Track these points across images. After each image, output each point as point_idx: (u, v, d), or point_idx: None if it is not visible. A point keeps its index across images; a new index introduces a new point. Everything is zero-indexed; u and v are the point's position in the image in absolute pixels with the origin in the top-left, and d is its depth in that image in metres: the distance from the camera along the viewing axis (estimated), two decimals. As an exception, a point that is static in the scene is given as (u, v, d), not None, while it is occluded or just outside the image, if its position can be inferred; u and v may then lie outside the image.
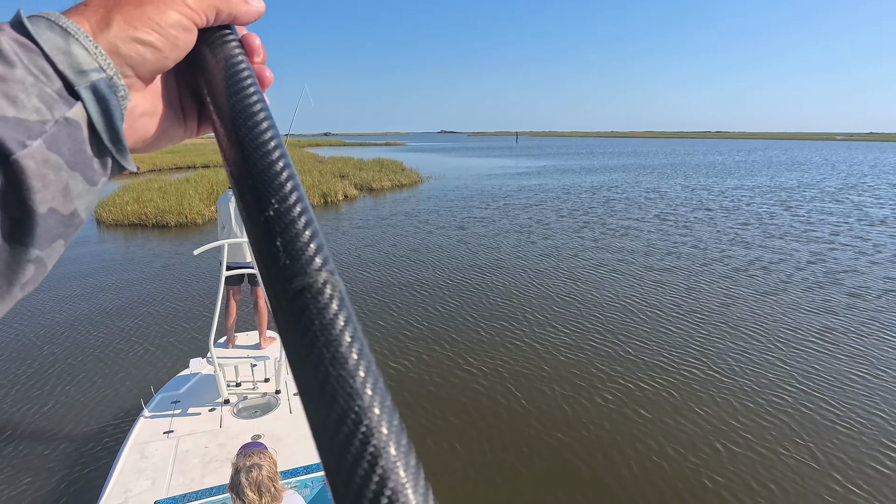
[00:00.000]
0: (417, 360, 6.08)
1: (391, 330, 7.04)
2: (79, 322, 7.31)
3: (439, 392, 5.37)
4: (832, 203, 18.90)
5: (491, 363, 6.01)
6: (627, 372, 5.82)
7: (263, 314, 4.41)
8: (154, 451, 3.32)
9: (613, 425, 4.80)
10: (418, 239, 12.81)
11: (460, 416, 4.93)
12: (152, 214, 15.08)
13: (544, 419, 4.90)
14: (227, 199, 4.45)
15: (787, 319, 7.25)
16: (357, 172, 26.11)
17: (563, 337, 6.78)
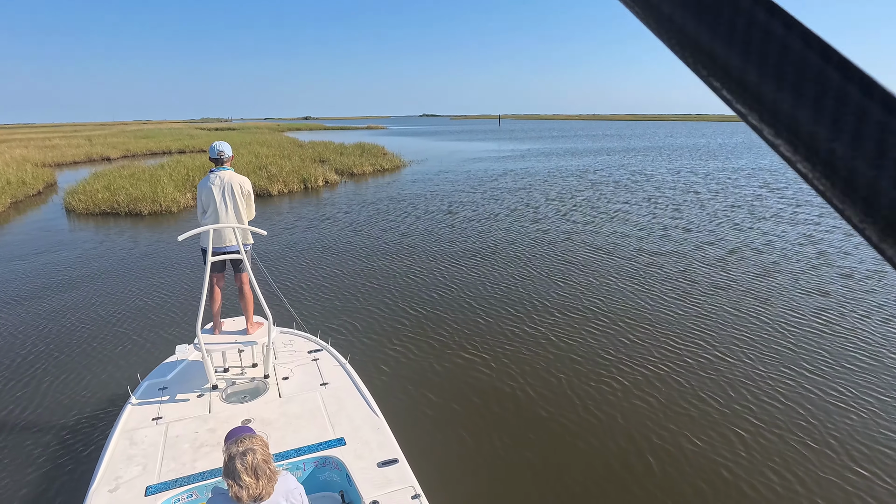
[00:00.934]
0: (418, 348, 5.95)
1: (389, 316, 6.90)
2: (59, 312, 7.17)
3: (442, 381, 5.24)
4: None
5: (492, 349, 5.90)
6: (630, 357, 5.68)
7: (249, 299, 4.28)
8: (143, 438, 3.29)
9: (620, 411, 4.65)
10: (407, 224, 12.53)
11: (465, 403, 4.84)
12: (124, 202, 14.42)
13: (550, 405, 4.80)
14: (208, 182, 4.21)
15: (783, 301, 7.12)
16: (338, 157, 25.49)
17: (562, 322, 6.65)
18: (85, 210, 14.48)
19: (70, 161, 30.64)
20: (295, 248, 10.48)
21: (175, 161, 22.85)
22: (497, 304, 7.28)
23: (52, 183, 20.87)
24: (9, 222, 13.90)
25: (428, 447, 4.13)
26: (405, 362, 5.65)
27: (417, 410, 4.74)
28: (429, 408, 4.78)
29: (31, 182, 18.99)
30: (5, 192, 16.50)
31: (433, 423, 4.54)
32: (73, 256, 10.11)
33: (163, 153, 35.23)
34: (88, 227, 13.01)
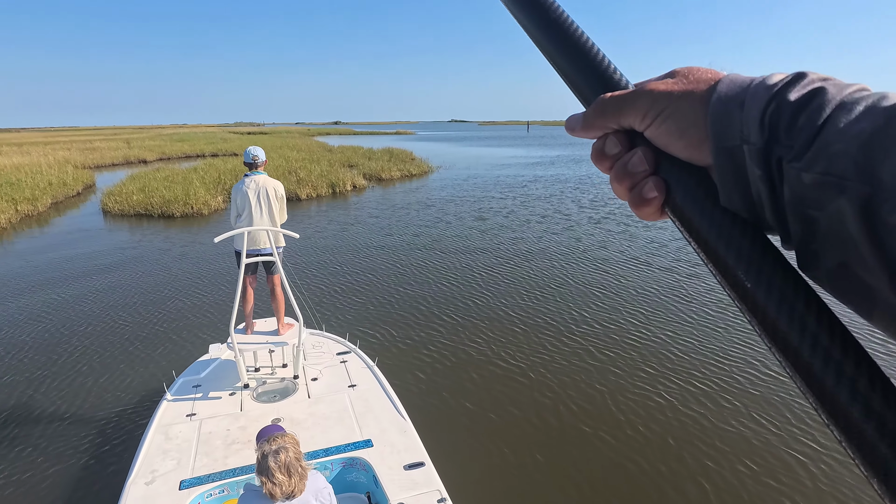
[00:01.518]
0: (454, 356, 5.82)
1: (425, 322, 6.79)
2: (101, 311, 7.35)
3: (479, 391, 5.07)
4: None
5: (529, 359, 5.70)
6: (675, 371, 5.38)
7: (280, 301, 4.40)
8: (178, 433, 3.39)
9: (668, 430, 4.37)
10: (438, 230, 12.40)
11: (501, 413, 4.68)
12: (158, 204, 14.66)
13: (593, 420, 4.57)
14: (243, 186, 4.34)
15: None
16: (366, 162, 25.57)
17: (601, 333, 6.40)
18: (120, 211, 14.79)
19: (109, 163, 31.59)
20: (325, 250, 10.44)
21: (207, 164, 23.31)
22: (533, 312, 7.06)
23: (91, 184, 21.49)
24: (48, 222, 14.30)
25: (455, 452, 4.06)
26: (440, 368, 5.52)
27: (448, 416, 4.63)
28: (463, 415, 4.64)
29: (71, 183, 19.58)
30: (46, 192, 17.01)
31: (465, 430, 4.42)
32: (111, 257, 10.27)
33: (196, 156, 36.06)
34: (123, 227, 13.26)
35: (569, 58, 0.40)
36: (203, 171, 20.05)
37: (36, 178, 18.81)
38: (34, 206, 15.34)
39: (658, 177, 0.35)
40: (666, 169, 0.35)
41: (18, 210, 14.56)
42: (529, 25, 0.41)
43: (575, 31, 0.40)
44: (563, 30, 0.40)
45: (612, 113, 0.36)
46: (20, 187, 16.74)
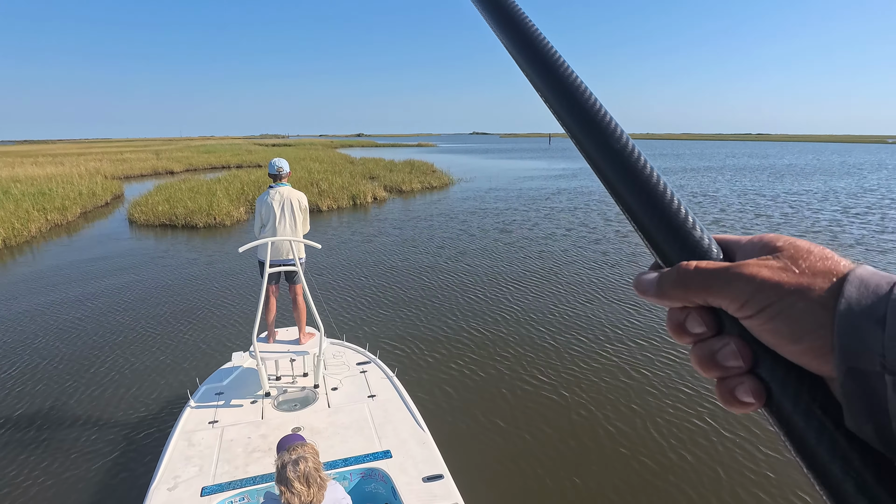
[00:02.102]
0: (482, 371, 5.69)
1: (450, 334, 6.71)
2: (131, 320, 7.42)
3: (510, 408, 4.92)
4: (903, 209, 17.32)
5: (562, 376, 5.53)
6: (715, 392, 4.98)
7: (302, 310, 4.45)
8: (200, 440, 3.42)
9: (717, 458, 4.06)
10: (463, 242, 12.23)
11: (536, 433, 4.50)
12: (182, 215, 14.80)
13: (631, 442, 4.31)
14: (268, 197, 4.42)
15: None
16: (387, 174, 25.60)
17: (634, 349, 6.14)
18: (145, 221, 14.97)
19: (138, 174, 32.31)
20: (346, 261, 10.36)
21: (232, 175, 23.60)
22: (563, 328, 6.85)
23: (120, 194, 21.92)
24: (77, 231, 14.54)
25: (477, 467, 4.01)
26: (463, 381, 5.43)
27: (472, 431, 4.54)
28: (501, 438, 4.47)
29: (100, 193, 19.98)
30: (76, 202, 17.37)
31: (492, 446, 4.33)
32: (137, 267, 10.37)
33: (222, 167, 36.65)
34: (148, 237, 13.39)
35: (643, 206, 0.36)
36: (227, 183, 20.27)
37: (67, 189, 19.26)
38: (63, 216, 15.65)
39: (757, 378, 0.29)
40: (768, 369, 0.29)
41: (48, 219, 14.86)
42: (612, 177, 0.38)
43: (651, 178, 0.37)
44: (642, 181, 0.36)
45: (697, 289, 0.31)
46: (51, 197, 17.13)
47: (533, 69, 0.42)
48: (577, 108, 0.39)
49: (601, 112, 0.39)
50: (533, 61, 0.42)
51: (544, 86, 0.41)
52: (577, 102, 0.39)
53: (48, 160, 36.03)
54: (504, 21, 0.44)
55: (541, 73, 0.41)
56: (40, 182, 20.68)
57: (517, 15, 0.44)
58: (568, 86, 0.40)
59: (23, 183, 20.36)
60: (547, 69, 0.41)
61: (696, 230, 0.34)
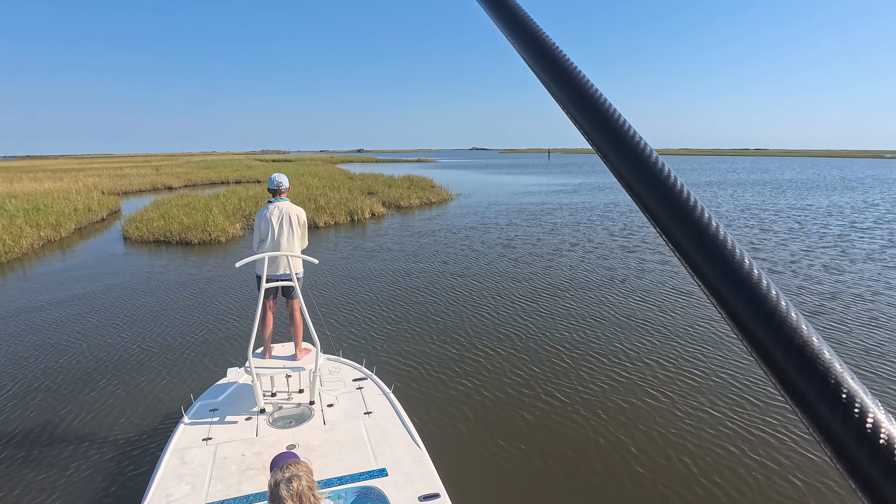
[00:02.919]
0: (485, 389, 5.58)
1: (451, 351, 6.62)
2: (121, 332, 7.42)
3: (514, 429, 4.80)
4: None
5: (582, 396, 5.38)
6: (748, 419, 4.73)
7: (299, 326, 4.41)
8: (193, 457, 3.36)
9: (765, 496, 3.73)
10: (462, 258, 12.04)
11: (539, 454, 4.38)
12: (177, 231, 14.57)
13: (665, 478, 4.04)
14: (266, 212, 4.40)
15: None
16: (386, 189, 25.43)
17: (659, 368, 5.93)
18: (139, 237, 14.73)
19: (136, 189, 32.16)
20: (342, 277, 10.12)
21: (230, 191, 23.43)
22: (571, 346, 6.69)
23: (117, 210, 21.74)
24: (71, 247, 14.30)
25: (472, 484, 3.95)
26: (468, 401, 5.31)
27: (511, 464, 4.36)
28: (520, 459, 4.35)
29: (96, 209, 19.79)
30: (71, 218, 17.15)
31: (523, 478, 4.17)
32: (130, 283, 10.18)
33: (221, 183, 36.56)
34: (142, 254, 13.14)
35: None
36: (224, 198, 20.09)
37: (62, 204, 19.06)
38: (57, 232, 15.42)
39: None
40: None
41: (41, 235, 14.62)
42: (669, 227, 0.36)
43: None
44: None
45: None
46: (46, 213, 16.92)
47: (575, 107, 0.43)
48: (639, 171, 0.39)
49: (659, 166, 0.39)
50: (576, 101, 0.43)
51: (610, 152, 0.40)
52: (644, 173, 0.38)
53: (47, 175, 35.94)
54: (531, 45, 0.47)
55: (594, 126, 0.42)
56: (36, 197, 20.49)
57: (544, 40, 0.47)
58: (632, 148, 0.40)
59: (18, 198, 20.17)
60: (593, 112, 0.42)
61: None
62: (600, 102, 0.41)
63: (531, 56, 0.46)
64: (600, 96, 0.42)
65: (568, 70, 0.43)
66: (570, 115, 0.43)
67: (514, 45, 0.48)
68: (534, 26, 0.48)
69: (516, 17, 0.49)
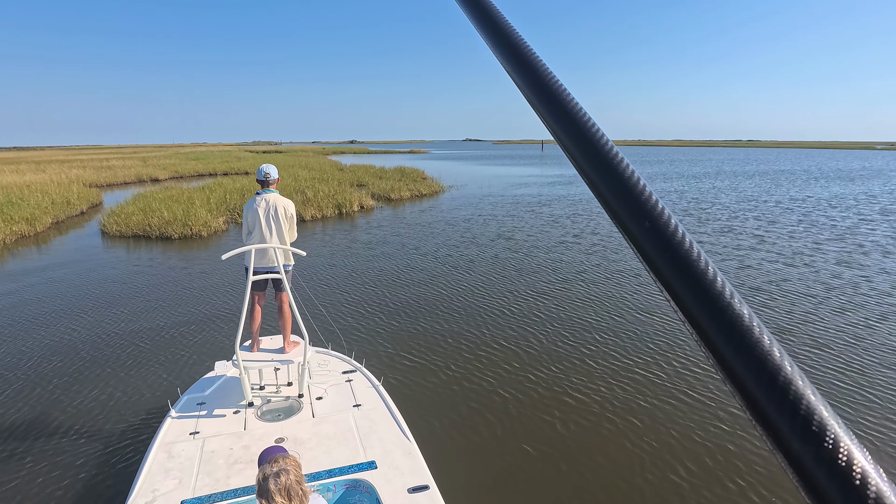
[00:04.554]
0: (475, 381, 5.51)
1: (441, 342, 6.55)
2: (107, 325, 7.33)
3: (505, 421, 4.74)
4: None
5: (601, 392, 5.26)
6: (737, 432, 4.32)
7: (287, 318, 4.36)
8: (181, 452, 3.33)
9: None
10: (453, 250, 11.64)
11: (530, 447, 4.34)
12: (157, 225, 14.01)
13: (652, 472, 3.96)
14: (254, 203, 4.34)
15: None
16: (377, 181, 24.90)
17: (679, 374, 5.64)
18: (118, 232, 14.16)
19: (121, 181, 31.42)
20: (329, 268, 9.74)
21: (216, 183, 22.83)
22: (565, 338, 6.60)
23: (98, 203, 21.09)
24: (47, 242, 13.72)
25: (462, 476, 3.94)
26: (458, 393, 5.27)
27: (455, 438, 4.47)
28: (487, 445, 4.38)
29: (75, 202, 19.13)
30: (47, 212, 16.52)
31: (472, 453, 4.29)
32: (108, 280, 9.76)
33: (209, 174, 35.85)
34: (120, 249, 12.62)
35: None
36: (209, 191, 19.51)
37: (39, 198, 18.39)
38: (32, 227, 14.81)
39: None
40: None
41: (14, 230, 14.02)
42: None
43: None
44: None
45: None
46: (20, 206, 16.28)
47: (534, 94, 0.43)
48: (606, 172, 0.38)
49: (618, 158, 0.38)
50: (532, 84, 0.44)
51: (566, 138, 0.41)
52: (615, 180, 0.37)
53: (30, 167, 35.02)
54: (496, 36, 0.48)
55: (551, 112, 0.42)
56: (13, 191, 19.79)
57: (509, 31, 0.48)
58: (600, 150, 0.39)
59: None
60: (555, 103, 0.42)
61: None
62: (570, 103, 0.41)
63: (496, 46, 0.47)
64: (569, 95, 0.42)
65: (531, 61, 0.44)
66: (536, 111, 0.43)
67: (482, 34, 0.49)
68: (501, 18, 0.49)
69: (486, 11, 0.50)
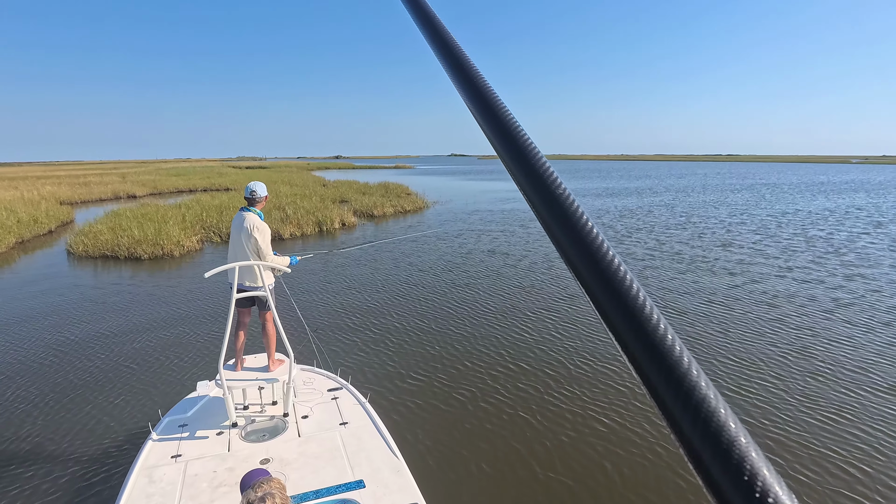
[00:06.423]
0: (464, 397, 5.49)
1: (429, 358, 6.53)
2: (85, 346, 7.15)
3: (495, 437, 4.70)
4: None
5: (559, 406, 5.28)
6: None
7: (272, 337, 4.30)
8: (162, 476, 3.24)
9: None
10: (445, 266, 11.21)
11: (519, 464, 4.32)
12: (126, 245, 13.39)
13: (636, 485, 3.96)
14: (241, 219, 4.26)
15: None
16: (360, 197, 24.45)
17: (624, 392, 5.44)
18: (84, 252, 13.51)
19: (97, 198, 30.58)
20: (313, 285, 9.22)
21: (195, 200, 22.24)
22: (559, 355, 6.44)
23: (70, 221, 20.36)
24: (10, 263, 13.03)
25: (452, 494, 3.89)
26: (448, 409, 5.23)
27: (444, 455, 4.41)
28: (477, 462, 4.37)
29: (43, 220, 18.40)
30: (11, 231, 15.79)
31: (462, 471, 4.24)
32: (73, 304, 9.16)
33: (189, 191, 35.12)
34: (86, 270, 11.99)
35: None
36: (186, 208, 18.92)
37: (4, 216, 17.63)
38: (-7, 247, 14.10)
39: None
40: None
41: (-27, 251, 13.31)
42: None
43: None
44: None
45: None
46: (-18, 225, 15.54)
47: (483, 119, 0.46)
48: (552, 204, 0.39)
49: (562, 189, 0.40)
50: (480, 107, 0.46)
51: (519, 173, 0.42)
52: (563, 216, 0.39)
53: (2, 184, 34.03)
54: (446, 54, 0.52)
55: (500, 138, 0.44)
56: (-22, 209, 18.99)
57: (457, 51, 0.52)
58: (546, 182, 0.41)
59: (-44, 210, 18.67)
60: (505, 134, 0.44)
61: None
62: (510, 121, 0.43)
63: (444, 60, 0.50)
64: (508, 113, 0.44)
65: (474, 78, 0.47)
66: (482, 128, 0.45)
67: (431, 47, 0.52)
68: (446, 34, 0.52)
69: (432, 23, 0.54)
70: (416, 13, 0.58)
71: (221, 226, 16.33)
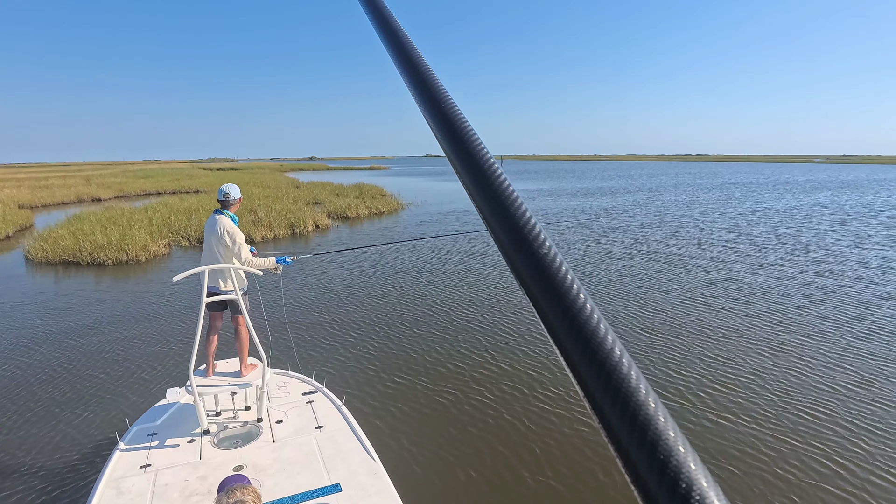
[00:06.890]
0: (442, 398, 5.46)
1: (406, 359, 6.48)
2: (48, 356, 6.84)
3: (473, 438, 4.70)
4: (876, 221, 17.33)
5: (543, 406, 5.24)
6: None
7: (244, 341, 4.20)
8: (131, 487, 3.15)
9: None
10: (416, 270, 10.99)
11: (499, 464, 4.30)
12: (88, 250, 12.82)
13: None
14: (214, 222, 4.18)
15: None
16: (334, 199, 24.06)
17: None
18: (44, 258, 12.90)
19: (59, 202, 29.43)
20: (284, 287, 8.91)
21: (163, 203, 21.56)
22: (539, 355, 6.36)
23: (29, 226, 19.50)
24: (-40, 271, 12.32)
25: (430, 496, 3.86)
26: (426, 411, 5.19)
27: (422, 457, 4.37)
28: (455, 463, 4.33)
29: (0, 225, 17.55)
30: (-36, 237, 15.00)
31: (440, 472, 4.20)
32: (34, 311, 8.67)
33: (157, 193, 34.13)
34: (46, 276, 11.43)
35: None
36: (153, 211, 18.30)
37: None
38: (-57, 254, 13.35)
39: None
40: None
41: (-80, 259, 12.57)
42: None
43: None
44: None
45: None
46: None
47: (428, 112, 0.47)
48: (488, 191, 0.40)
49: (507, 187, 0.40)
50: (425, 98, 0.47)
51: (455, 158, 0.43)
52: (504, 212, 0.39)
53: (-42, 188, 32.47)
54: (398, 52, 0.52)
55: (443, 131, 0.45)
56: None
57: (410, 48, 0.52)
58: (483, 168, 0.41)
59: None
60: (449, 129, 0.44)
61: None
62: (457, 118, 0.43)
63: (396, 58, 0.50)
64: (460, 114, 0.44)
65: (427, 79, 0.47)
66: (431, 127, 0.45)
67: (384, 44, 0.53)
68: (402, 35, 0.52)
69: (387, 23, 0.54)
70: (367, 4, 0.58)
71: (190, 229, 15.83)
